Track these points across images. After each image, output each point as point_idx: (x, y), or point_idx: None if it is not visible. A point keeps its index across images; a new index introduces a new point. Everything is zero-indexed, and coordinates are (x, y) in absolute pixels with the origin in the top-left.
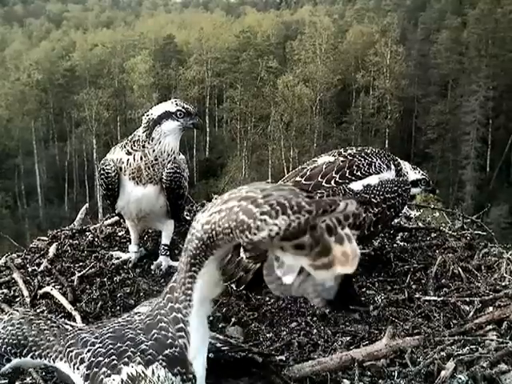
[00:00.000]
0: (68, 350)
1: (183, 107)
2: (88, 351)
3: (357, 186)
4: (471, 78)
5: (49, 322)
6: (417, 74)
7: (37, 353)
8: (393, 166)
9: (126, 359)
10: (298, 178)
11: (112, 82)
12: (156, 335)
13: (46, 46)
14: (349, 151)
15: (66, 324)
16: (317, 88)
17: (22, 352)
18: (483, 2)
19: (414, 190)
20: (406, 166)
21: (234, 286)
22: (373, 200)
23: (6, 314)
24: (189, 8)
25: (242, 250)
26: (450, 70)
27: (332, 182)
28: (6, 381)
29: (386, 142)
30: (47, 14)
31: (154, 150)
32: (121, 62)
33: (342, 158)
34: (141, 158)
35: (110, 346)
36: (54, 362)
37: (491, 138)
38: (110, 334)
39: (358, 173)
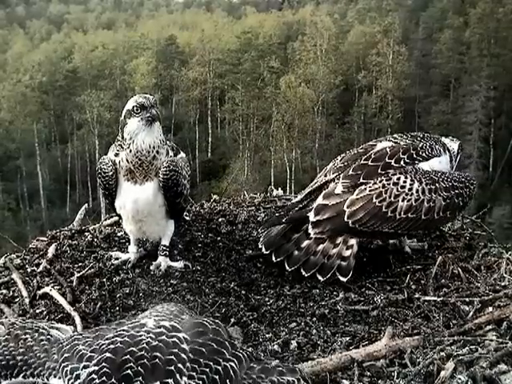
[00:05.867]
0: (62, 365)
1: (137, 102)
2: (84, 367)
3: (425, 166)
4: (473, 78)
5: (36, 334)
6: (418, 74)
7: (28, 372)
8: (446, 150)
9: None
10: (362, 162)
11: (114, 83)
12: None
13: (47, 47)
14: (403, 136)
15: (59, 329)
16: (319, 88)
17: (12, 373)
18: (484, 1)
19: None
20: (446, 141)
21: (341, 277)
22: (442, 184)
23: None
24: (190, 8)
25: (310, 227)
26: (451, 70)
27: (401, 162)
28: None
29: None
30: (48, 15)
31: (130, 150)
32: (122, 63)
33: (403, 143)
34: (127, 160)
35: (104, 379)
36: (47, 379)
37: (493, 138)
38: (108, 355)
39: (424, 154)
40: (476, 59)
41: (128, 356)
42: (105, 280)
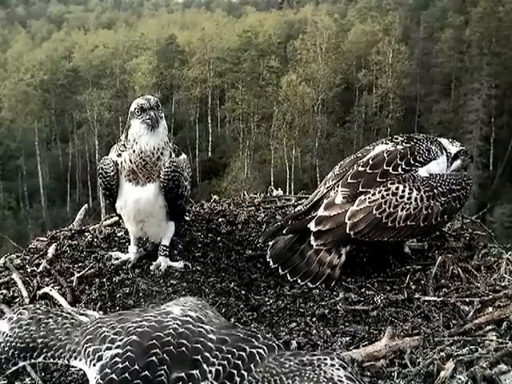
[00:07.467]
0: (85, 346)
1: (137, 104)
2: (107, 349)
3: (423, 171)
4: (474, 77)
5: (59, 318)
6: (419, 73)
7: (49, 354)
8: (443, 150)
9: None
10: (360, 168)
11: (114, 82)
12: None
13: (47, 47)
14: (400, 138)
15: (87, 315)
16: (319, 87)
17: (32, 355)
18: (484, 0)
19: (456, 163)
20: (444, 142)
21: (324, 284)
22: (440, 189)
23: (14, 312)
24: (190, 8)
25: (312, 238)
26: (452, 69)
27: (399, 169)
28: (6, 381)
29: None
30: (48, 15)
31: (134, 151)
32: (122, 62)
33: (400, 146)
34: (130, 161)
35: (127, 364)
36: (68, 361)
37: (494, 137)
38: (134, 338)
39: (421, 159)
40: (477, 58)
41: (154, 341)
42: (105, 280)
